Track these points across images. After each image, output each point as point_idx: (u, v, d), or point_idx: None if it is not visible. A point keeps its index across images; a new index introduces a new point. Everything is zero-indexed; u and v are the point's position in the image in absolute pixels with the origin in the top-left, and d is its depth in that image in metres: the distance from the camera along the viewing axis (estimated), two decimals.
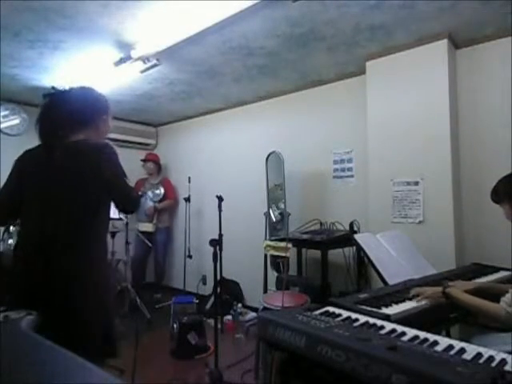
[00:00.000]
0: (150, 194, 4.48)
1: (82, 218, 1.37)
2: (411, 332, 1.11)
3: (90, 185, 1.38)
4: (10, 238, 3.17)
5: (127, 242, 4.10)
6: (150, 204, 4.48)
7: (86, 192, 1.37)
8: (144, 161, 4.79)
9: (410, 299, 1.59)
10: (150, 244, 4.31)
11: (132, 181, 1.58)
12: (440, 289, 1.60)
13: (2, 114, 3.91)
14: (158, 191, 4.56)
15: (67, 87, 1.55)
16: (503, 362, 0.91)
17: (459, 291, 1.57)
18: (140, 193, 4.44)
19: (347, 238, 2.72)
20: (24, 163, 1.47)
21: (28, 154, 1.49)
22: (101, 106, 1.59)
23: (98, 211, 1.41)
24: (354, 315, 1.29)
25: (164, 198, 4.59)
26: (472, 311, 1.51)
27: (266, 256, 3.46)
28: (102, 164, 1.39)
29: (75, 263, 1.32)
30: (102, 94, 1.63)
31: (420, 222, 2.67)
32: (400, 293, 1.67)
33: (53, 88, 1.53)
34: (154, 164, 4.76)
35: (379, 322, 1.21)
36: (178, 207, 4.99)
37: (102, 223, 1.46)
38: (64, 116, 1.46)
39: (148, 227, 4.42)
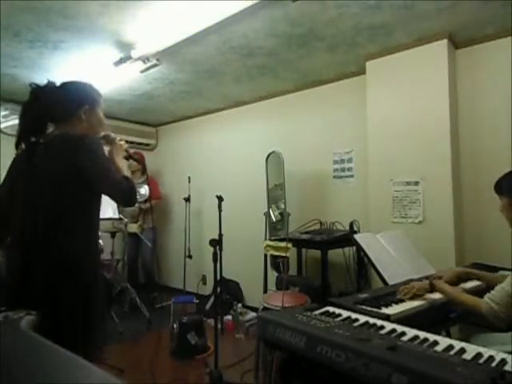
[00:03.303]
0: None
1: (61, 215, 1.33)
2: (411, 332, 1.11)
3: (68, 180, 1.33)
4: None
5: (126, 243, 4.10)
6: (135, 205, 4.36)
7: (64, 187, 1.33)
8: (126, 158, 4.63)
9: (410, 299, 1.59)
10: (149, 244, 4.28)
11: None
12: (426, 282, 1.65)
13: (2, 113, 3.91)
14: (142, 191, 4.45)
15: (47, 82, 1.48)
16: (503, 361, 0.91)
17: (445, 284, 1.63)
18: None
19: (347, 238, 2.72)
20: (16, 161, 1.47)
21: (20, 152, 1.47)
22: (82, 96, 1.49)
23: (79, 206, 1.36)
24: (354, 315, 1.29)
25: (149, 198, 4.51)
26: (456, 304, 1.55)
27: (266, 256, 3.46)
28: (81, 157, 1.32)
29: (55, 260, 1.30)
30: (87, 85, 1.54)
31: (420, 222, 2.67)
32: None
33: (31, 85, 1.46)
34: (136, 162, 4.62)
35: (379, 322, 1.21)
36: (164, 206, 5.00)
37: (85, 218, 1.39)
38: (43, 111, 1.43)
39: (133, 228, 4.28)
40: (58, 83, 1.49)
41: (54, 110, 1.45)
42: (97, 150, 1.37)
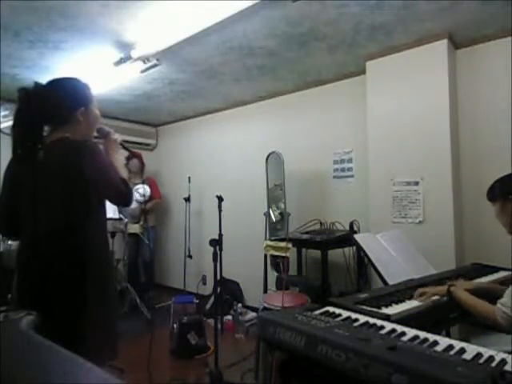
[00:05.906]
0: (136, 195, 4.13)
1: (70, 221, 1.34)
2: (411, 332, 1.11)
3: (74, 186, 1.33)
4: None
5: (126, 243, 4.10)
6: (136, 205, 4.25)
7: (71, 193, 1.34)
8: (128, 158, 4.33)
9: (410, 299, 1.59)
10: (148, 243, 4.27)
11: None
12: (444, 288, 1.62)
13: (2, 114, 3.90)
14: (141, 190, 4.39)
15: (38, 83, 1.46)
16: (503, 361, 0.90)
17: (463, 291, 1.59)
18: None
19: (347, 238, 2.72)
20: (13, 171, 1.43)
21: (13, 161, 1.43)
22: (76, 97, 1.45)
23: (86, 212, 1.37)
24: (354, 315, 1.28)
25: (150, 198, 4.47)
26: (471, 312, 1.52)
27: (266, 256, 3.46)
28: (84, 164, 1.32)
29: (65, 265, 1.30)
30: (78, 83, 1.49)
31: (420, 222, 2.67)
32: (400, 293, 1.67)
33: (19, 90, 1.46)
34: (140, 162, 4.51)
35: (379, 322, 1.21)
36: (164, 206, 5.03)
37: (92, 224, 1.40)
38: (37, 115, 1.40)
39: (135, 229, 4.25)
40: (44, 82, 1.44)
41: (48, 114, 1.42)
42: (99, 157, 1.38)
